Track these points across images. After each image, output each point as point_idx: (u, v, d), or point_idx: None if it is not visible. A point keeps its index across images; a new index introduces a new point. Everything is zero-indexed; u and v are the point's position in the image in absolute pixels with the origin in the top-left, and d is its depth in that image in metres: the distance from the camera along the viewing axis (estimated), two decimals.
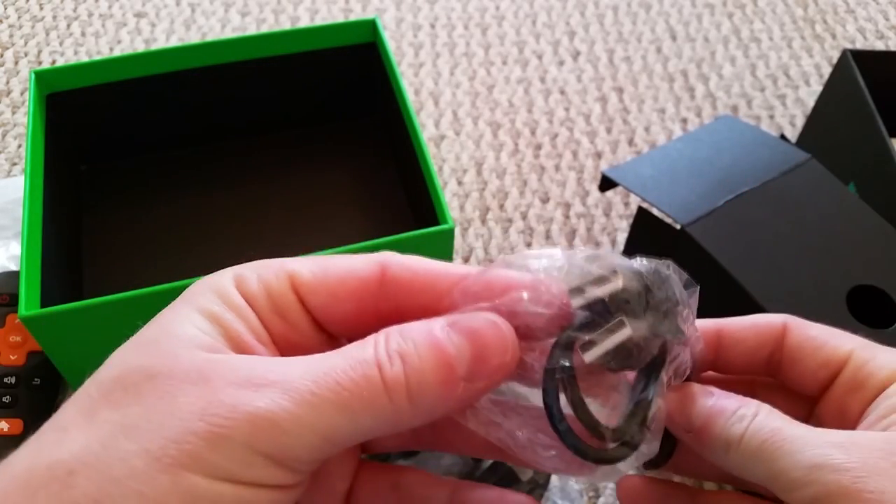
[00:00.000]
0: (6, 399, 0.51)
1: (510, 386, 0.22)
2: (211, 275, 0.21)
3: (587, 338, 0.21)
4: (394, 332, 0.19)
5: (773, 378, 0.27)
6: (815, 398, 0.26)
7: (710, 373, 0.27)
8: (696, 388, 0.25)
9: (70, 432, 0.17)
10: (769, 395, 0.26)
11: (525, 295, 0.20)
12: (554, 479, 0.48)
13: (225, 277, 0.20)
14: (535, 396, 0.21)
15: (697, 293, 0.24)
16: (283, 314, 0.20)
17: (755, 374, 0.27)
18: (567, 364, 0.21)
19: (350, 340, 0.20)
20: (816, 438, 0.22)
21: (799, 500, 0.21)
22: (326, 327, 0.21)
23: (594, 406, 0.22)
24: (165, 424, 0.16)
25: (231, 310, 0.19)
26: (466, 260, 0.62)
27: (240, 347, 0.19)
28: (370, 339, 0.19)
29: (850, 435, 0.22)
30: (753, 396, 0.25)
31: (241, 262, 0.43)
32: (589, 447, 0.21)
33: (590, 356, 0.21)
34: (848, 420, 0.24)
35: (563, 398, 0.21)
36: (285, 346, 0.21)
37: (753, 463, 0.22)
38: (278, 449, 0.16)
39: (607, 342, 0.21)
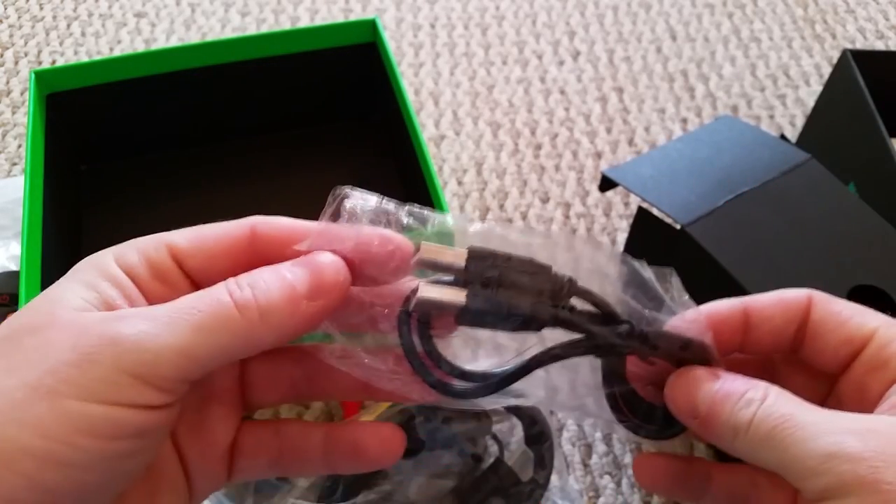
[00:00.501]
0: None
1: (376, 337, 0.24)
2: (95, 254, 0.22)
3: (425, 294, 0.23)
4: (244, 273, 0.21)
5: (795, 354, 0.26)
6: (835, 376, 0.25)
7: (737, 355, 0.26)
8: (701, 371, 0.24)
9: None
10: (790, 373, 0.25)
11: (368, 245, 0.23)
12: (554, 479, 0.48)
13: (105, 254, 0.22)
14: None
15: (673, 277, 0.25)
16: (163, 279, 0.22)
17: (781, 352, 0.26)
18: (408, 308, 0.23)
19: None
20: (830, 424, 0.21)
21: (812, 490, 0.20)
22: (205, 287, 0.23)
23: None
24: (41, 361, 0.18)
25: (108, 281, 0.21)
26: None
27: (114, 310, 0.21)
28: (219, 282, 0.21)
29: (867, 420, 0.21)
30: (773, 374, 0.24)
31: None
32: (431, 374, 0.23)
33: (414, 304, 0.23)
34: (867, 401, 0.23)
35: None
36: None
37: (763, 450, 0.22)
38: (143, 368, 0.18)
39: (438, 299, 0.23)
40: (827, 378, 0.25)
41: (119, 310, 0.20)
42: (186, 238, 0.23)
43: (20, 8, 0.81)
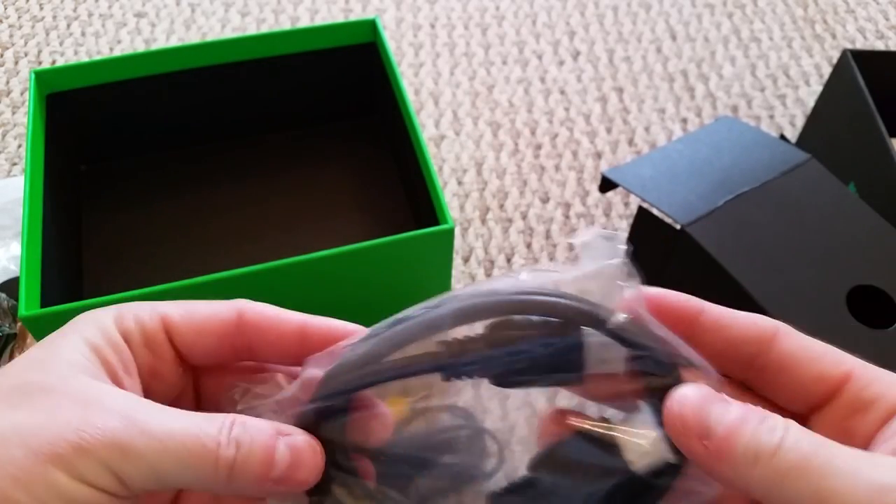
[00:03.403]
0: None
1: None
2: (96, 310, 0.25)
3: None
4: (240, 421, 0.23)
5: (749, 386, 0.24)
6: (802, 415, 0.23)
7: None
8: (708, 390, 0.22)
9: None
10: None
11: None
12: None
13: (107, 315, 0.24)
14: None
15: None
16: (152, 348, 0.25)
17: (727, 370, 0.24)
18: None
19: (207, 372, 0.26)
20: (869, 458, 0.19)
21: None
22: (190, 359, 0.25)
23: None
24: (46, 429, 0.21)
25: (109, 345, 0.24)
26: (466, 260, 0.62)
27: (113, 376, 0.23)
28: (219, 418, 0.22)
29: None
30: None
31: (240, 262, 0.44)
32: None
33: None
34: (853, 444, 0.21)
35: None
36: (150, 375, 0.25)
37: (791, 479, 0.19)
38: (122, 471, 0.21)
39: None
40: (790, 416, 0.23)
41: (126, 401, 0.22)
42: (179, 313, 0.25)
43: (20, 8, 0.81)
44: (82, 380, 0.22)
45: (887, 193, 0.52)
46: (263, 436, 0.22)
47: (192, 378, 0.27)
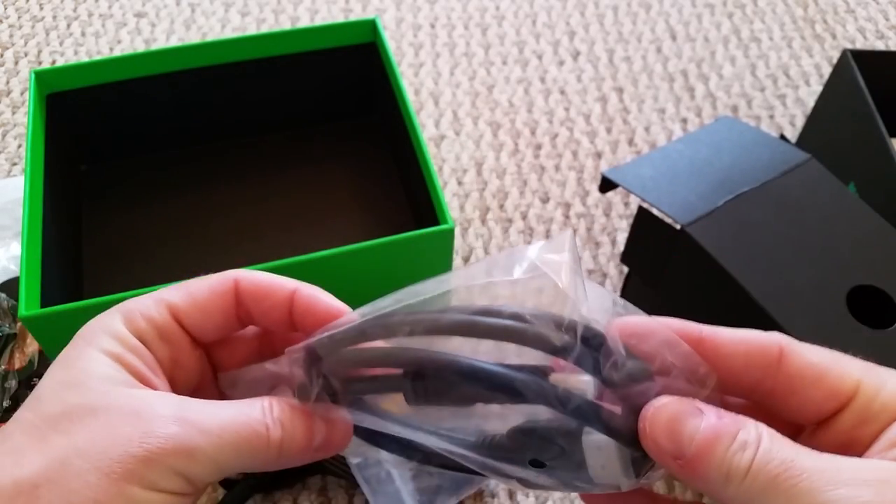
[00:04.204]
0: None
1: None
2: (100, 317, 0.25)
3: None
4: (276, 402, 0.24)
5: (759, 403, 0.24)
6: (811, 426, 0.24)
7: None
8: (682, 404, 0.22)
9: (26, 455, 0.21)
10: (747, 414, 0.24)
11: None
12: None
13: (115, 320, 0.25)
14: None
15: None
16: (168, 340, 0.25)
17: (734, 395, 0.24)
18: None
19: (216, 345, 0.27)
20: (839, 473, 0.20)
21: None
22: (201, 338, 0.26)
23: None
24: (111, 448, 0.21)
25: (129, 350, 0.24)
26: (466, 260, 0.62)
27: (143, 380, 0.24)
28: (258, 402, 0.24)
29: (877, 469, 0.20)
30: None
31: (241, 262, 0.44)
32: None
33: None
34: (852, 450, 0.22)
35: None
36: (172, 366, 0.25)
37: (761, 500, 0.20)
38: (189, 471, 0.22)
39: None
40: (795, 424, 0.24)
41: (174, 402, 0.23)
42: (181, 297, 0.25)
43: (20, 8, 0.81)
44: (122, 391, 0.23)
45: (887, 193, 0.52)
46: (301, 412, 0.24)
47: (206, 355, 0.27)
